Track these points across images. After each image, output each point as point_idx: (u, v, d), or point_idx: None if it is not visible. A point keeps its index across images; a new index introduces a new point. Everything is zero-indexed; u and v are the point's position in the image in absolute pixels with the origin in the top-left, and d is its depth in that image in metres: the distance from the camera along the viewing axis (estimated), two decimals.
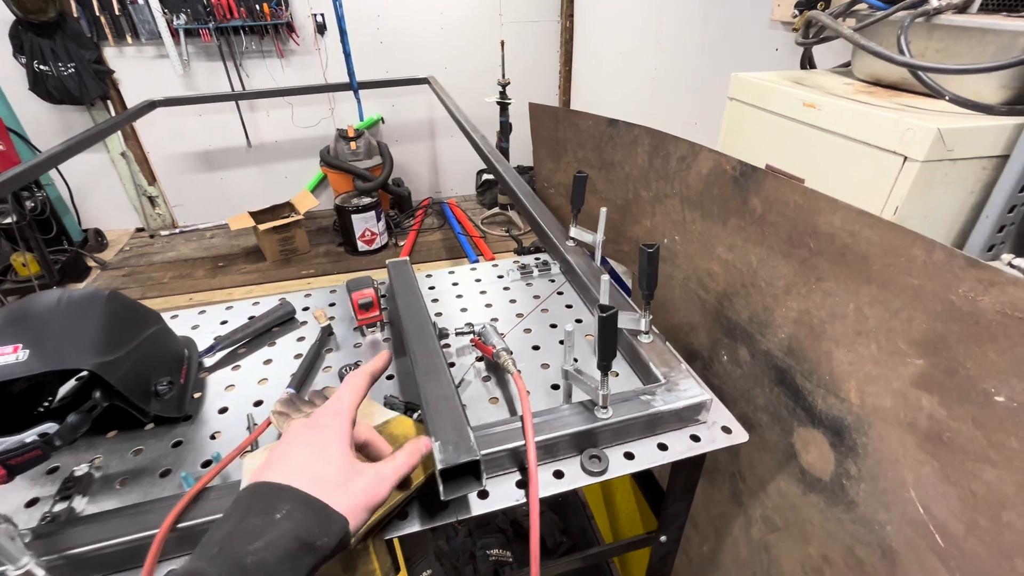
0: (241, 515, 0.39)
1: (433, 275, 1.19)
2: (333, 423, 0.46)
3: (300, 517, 0.39)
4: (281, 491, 0.40)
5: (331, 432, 0.46)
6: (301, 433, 0.46)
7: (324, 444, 0.44)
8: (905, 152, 0.77)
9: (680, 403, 0.73)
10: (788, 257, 0.81)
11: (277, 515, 0.38)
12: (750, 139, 1.06)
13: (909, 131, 0.75)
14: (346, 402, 0.49)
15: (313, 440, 0.45)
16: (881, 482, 0.69)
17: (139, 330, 0.76)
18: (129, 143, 3.63)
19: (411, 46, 3.79)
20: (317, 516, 0.40)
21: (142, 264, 3.49)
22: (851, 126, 0.84)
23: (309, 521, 0.39)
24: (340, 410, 0.48)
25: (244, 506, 0.40)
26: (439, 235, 3.81)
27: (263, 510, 0.39)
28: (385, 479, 0.45)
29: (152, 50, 3.39)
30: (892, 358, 0.66)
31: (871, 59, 0.89)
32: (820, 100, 0.86)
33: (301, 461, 0.43)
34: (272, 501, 0.39)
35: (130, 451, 0.74)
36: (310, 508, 0.40)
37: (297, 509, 0.39)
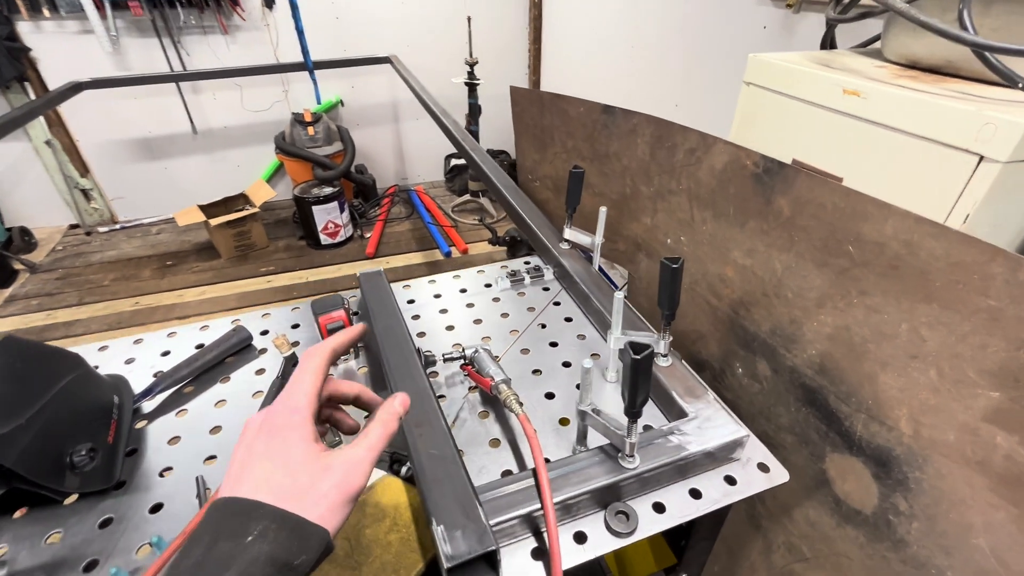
0: (211, 539, 0.35)
1: (412, 285, 1.05)
2: (290, 422, 0.42)
3: (274, 536, 0.36)
4: (251, 509, 0.37)
5: (289, 433, 0.41)
6: (259, 440, 0.41)
7: (284, 449, 0.40)
8: (982, 151, 0.68)
9: (715, 442, 0.63)
10: (823, 267, 0.71)
11: (249, 537, 0.35)
12: (771, 130, 0.96)
13: (989, 126, 0.66)
14: (301, 395, 0.43)
15: (272, 447, 0.40)
16: (940, 523, 0.61)
17: (44, 385, 0.60)
18: (54, 130, 3.26)
19: (370, 22, 3.53)
20: (292, 532, 0.36)
21: (78, 265, 3.17)
22: (908, 118, 0.74)
23: (284, 539, 0.36)
24: (296, 407, 0.42)
25: (213, 528, 0.36)
26: (408, 225, 3.63)
27: (233, 533, 0.36)
28: (360, 465, 0.41)
29: (75, 25, 3.02)
30: (958, 388, 0.57)
31: (908, 38, 0.80)
32: (864, 87, 0.76)
33: (263, 473, 0.39)
34: (243, 521, 0.36)
35: (45, 537, 0.59)
36: (284, 525, 0.36)
37: (269, 529, 0.36)
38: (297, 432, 0.41)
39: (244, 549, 0.34)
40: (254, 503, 0.37)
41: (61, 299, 2.88)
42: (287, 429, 0.41)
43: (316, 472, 0.39)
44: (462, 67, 3.30)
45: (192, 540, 0.36)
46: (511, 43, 3.86)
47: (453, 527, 0.48)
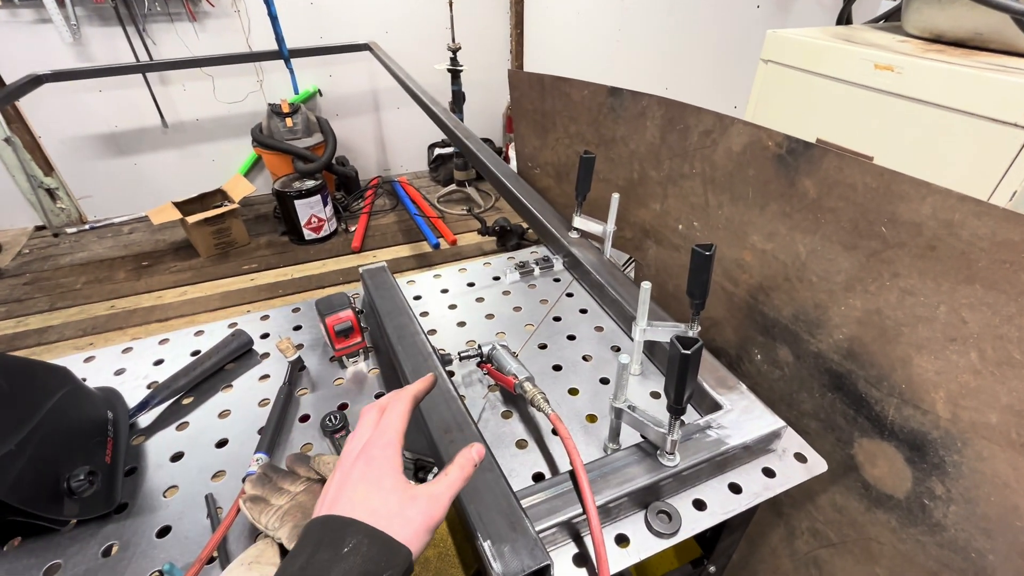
0: (312, 549, 0.40)
1: (416, 280, 1.01)
2: (384, 454, 0.47)
3: (366, 551, 0.40)
4: (347, 525, 0.42)
5: (384, 464, 0.46)
6: (355, 468, 0.46)
7: (379, 477, 0.45)
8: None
9: (753, 435, 0.61)
10: (852, 249, 0.70)
11: (345, 549, 0.40)
12: (791, 108, 0.94)
13: None
14: (393, 432, 0.48)
15: (369, 475, 0.45)
16: (982, 506, 0.60)
17: (34, 406, 0.55)
18: (14, 127, 3.07)
19: (346, 7, 3.40)
20: (381, 548, 0.41)
21: (47, 268, 3.02)
22: (947, 92, 0.72)
23: (375, 554, 0.40)
24: (390, 442, 0.48)
25: (315, 539, 0.41)
26: (393, 217, 3.54)
27: (332, 544, 0.41)
28: (440, 499, 0.46)
29: (30, 14, 2.84)
30: (1001, 369, 0.56)
31: (931, 10, 0.78)
32: (898, 61, 0.74)
33: (359, 495, 0.44)
34: (340, 535, 0.41)
35: (43, 569, 0.54)
36: (375, 541, 0.41)
37: (363, 543, 0.40)
38: (390, 464, 0.46)
39: (341, 559, 0.39)
40: (349, 520, 0.41)
41: (31, 305, 2.74)
42: (382, 460, 0.46)
43: (405, 500, 0.44)
44: (443, 53, 3.21)
45: (296, 550, 0.41)
46: (491, 28, 3.77)
47: (501, 541, 0.44)
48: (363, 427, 0.50)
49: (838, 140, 0.89)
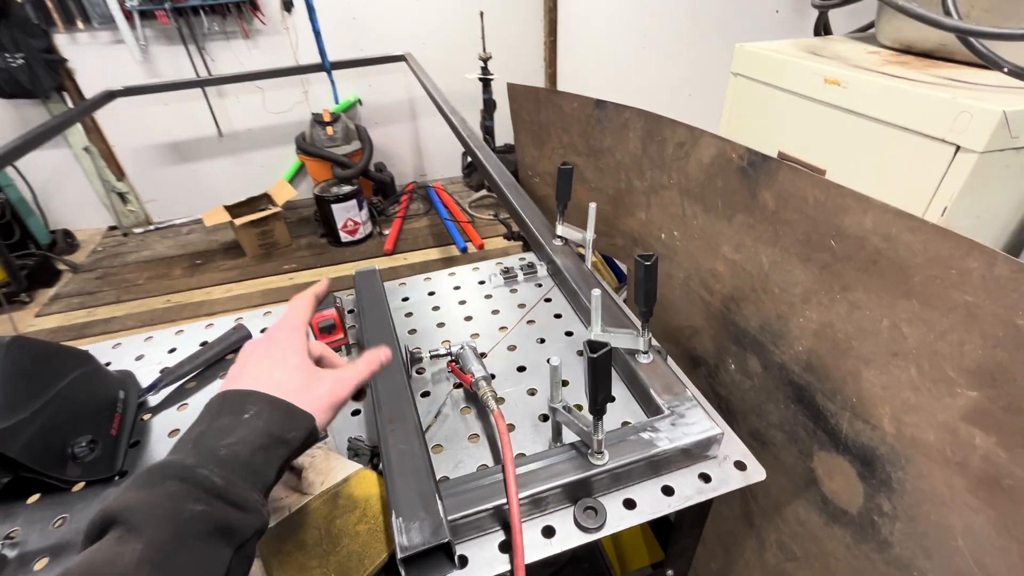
0: (211, 418, 0.41)
1: (407, 283, 1.07)
2: (289, 336, 0.48)
3: (267, 414, 0.41)
4: (248, 395, 0.42)
5: (288, 344, 0.47)
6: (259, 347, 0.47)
7: (282, 355, 0.46)
8: (958, 141, 0.65)
9: (687, 439, 0.63)
10: (806, 261, 0.70)
11: (246, 415, 0.40)
12: (758, 122, 0.94)
13: (964, 115, 0.63)
14: (297, 319, 0.50)
15: (272, 352, 0.46)
16: (922, 524, 0.60)
17: (53, 381, 0.65)
18: (92, 137, 3.43)
19: (386, 21, 3.57)
20: (284, 413, 0.42)
21: (116, 265, 3.34)
22: (886, 108, 0.71)
23: (277, 418, 0.41)
24: (294, 325, 0.49)
25: (214, 410, 0.42)
26: (426, 221, 3.67)
27: (232, 411, 0.41)
28: (346, 382, 0.47)
29: (107, 35, 3.16)
30: (937, 386, 0.56)
31: (900, 22, 0.77)
32: (845, 75, 0.73)
33: (262, 370, 0.45)
34: (240, 404, 0.41)
35: (53, 521, 0.64)
36: (276, 407, 0.41)
37: (264, 409, 0.41)
38: (296, 344, 0.47)
39: (242, 423, 0.40)
40: (249, 391, 0.42)
41: (100, 297, 3.04)
42: (287, 341, 0.47)
43: (310, 377, 0.45)
44: (477, 62, 3.30)
45: (196, 421, 0.42)
46: (526, 36, 3.84)
47: (411, 519, 0.49)
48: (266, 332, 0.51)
49: (798, 154, 0.88)
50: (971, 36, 0.64)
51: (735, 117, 1.02)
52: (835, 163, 0.85)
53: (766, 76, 0.86)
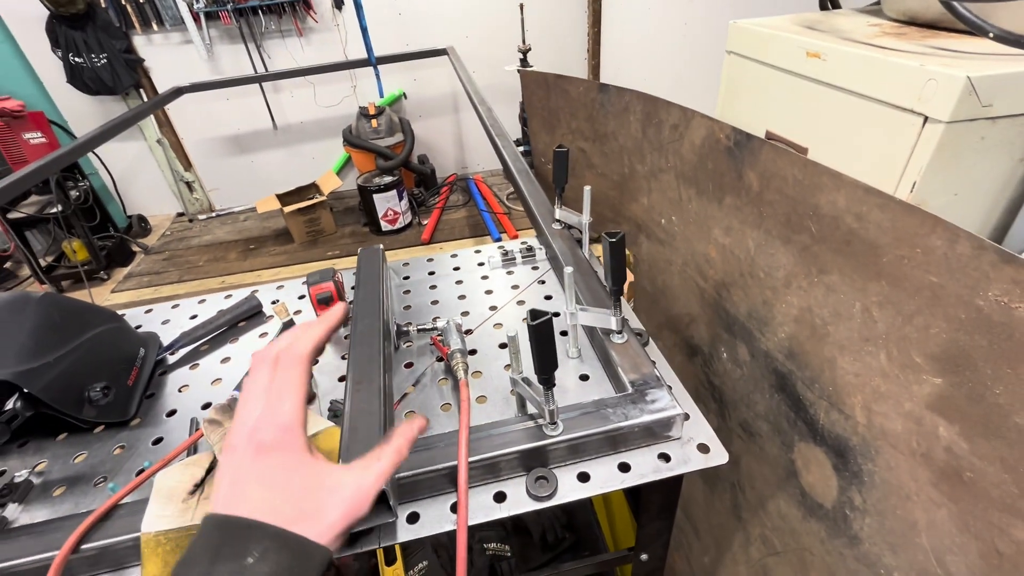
0: (209, 561, 0.34)
1: (411, 263, 1.12)
2: (283, 441, 0.38)
3: (275, 557, 0.34)
4: (251, 529, 0.35)
5: (285, 456, 0.38)
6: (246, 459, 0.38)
7: (283, 475, 0.38)
8: (926, 110, 0.60)
9: (645, 418, 0.63)
10: (787, 243, 0.68)
11: (250, 559, 0.33)
12: (750, 100, 0.90)
13: (932, 82, 0.58)
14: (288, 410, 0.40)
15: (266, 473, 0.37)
16: (889, 520, 0.57)
17: (78, 333, 0.74)
18: (164, 130, 3.74)
19: (431, 16, 3.65)
20: (294, 553, 0.35)
21: (181, 248, 3.63)
22: (862, 79, 0.67)
23: (286, 560, 0.34)
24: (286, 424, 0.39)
25: (212, 550, 0.34)
26: (464, 212, 3.74)
27: (233, 554, 0.34)
28: (369, 493, 0.39)
29: (177, 36, 3.43)
30: (905, 373, 0.53)
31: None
32: (826, 48, 0.69)
33: (261, 499, 0.37)
34: (243, 543, 0.34)
35: (73, 456, 0.73)
36: (284, 545, 0.35)
37: (270, 549, 0.34)
38: (293, 454, 0.38)
39: (245, 571, 0.33)
40: (252, 522, 0.35)
41: (165, 277, 3.32)
42: (280, 450, 0.38)
43: (323, 498, 0.38)
44: (518, 55, 3.32)
45: (188, 560, 0.34)
46: (570, 28, 3.81)
47: None
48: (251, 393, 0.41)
49: (783, 131, 0.83)
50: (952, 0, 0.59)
51: (730, 96, 0.98)
52: (817, 140, 0.80)
53: (754, 52, 0.82)
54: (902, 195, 0.60)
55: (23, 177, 1.83)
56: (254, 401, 0.40)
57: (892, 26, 0.79)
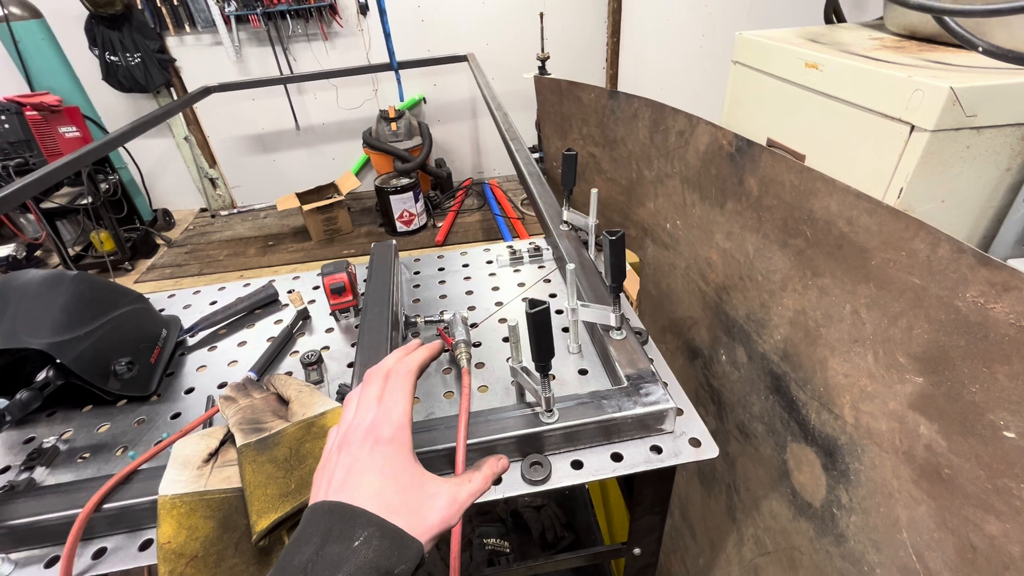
0: (321, 540, 0.38)
1: (422, 259, 1.15)
2: (397, 437, 0.44)
3: (377, 544, 0.38)
4: (358, 515, 0.39)
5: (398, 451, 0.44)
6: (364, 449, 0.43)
7: (394, 468, 0.43)
8: (912, 119, 0.62)
9: (638, 410, 0.65)
10: (784, 247, 0.70)
11: (356, 542, 0.38)
12: (753, 109, 0.92)
13: (918, 92, 0.60)
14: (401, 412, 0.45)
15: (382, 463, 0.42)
16: (873, 517, 0.58)
17: (107, 310, 0.78)
18: (191, 128, 3.86)
19: (453, 23, 3.73)
20: (394, 542, 0.39)
21: (202, 242, 3.74)
22: (855, 89, 0.69)
23: (387, 548, 0.38)
24: (400, 425, 0.44)
25: (323, 528, 0.39)
26: (478, 216, 3.79)
27: (341, 536, 0.38)
28: (462, 505, 0.44)
29: (208, 38, 3.56)
30: (889, 373, 0.54)
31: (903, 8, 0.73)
32: (824, 59, 0.71)
33: (372, 485, 0.41)
34: (350, 527, 0.39)
35: (97, 426, 0.77)
36: (386, 534, 0.39)
37: (374, 535, 0.39)
38: (404, 450, 0.43)
39: (352, 553, 0.37)
40: (359, 510, 0.39)
41: (187, 269, 3.41)
42: (394, 444, 0.43)
43: (424, 499, 0.42)
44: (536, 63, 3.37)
45: (301, 539, 0.39)
46: (590, 37, 3.86)
47: None
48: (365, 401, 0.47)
49: (783, 139, 0.85)
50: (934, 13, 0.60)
51: (735, 105, 1.00)
52: (815, 148, 0.82)
53: (758, 63, 0.85)
54: (890, 201, 0.62)
55: (59, 167, 1.92)
56: (368, 407, 0.46)
57: (893, 40, 0.81)
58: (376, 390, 0.47)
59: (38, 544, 0.61)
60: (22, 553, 0.61)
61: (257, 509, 0.56)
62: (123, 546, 0.61)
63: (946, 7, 0.61)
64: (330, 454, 0.45)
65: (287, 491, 0.58)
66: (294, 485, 0.58)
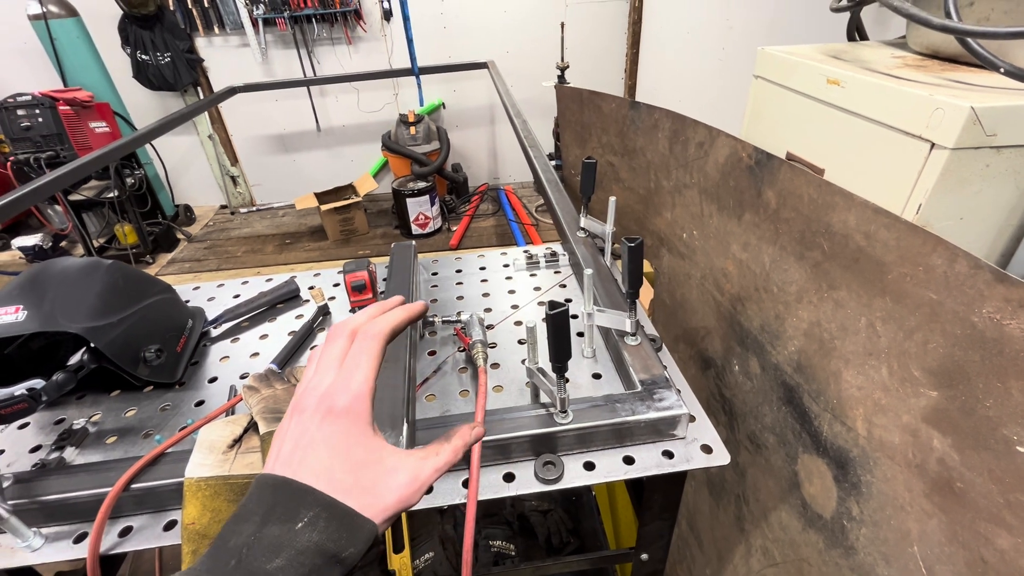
0: (260, 520, 0.35)
1: (439, 261, 1.17)
2: (352, 408, 0.39)
3: (324, 525, 0.35)
4: (304, 494, 0.36)
5: (352, 423, 0.39)
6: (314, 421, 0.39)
7: (346, 442, 0.38)
8: (932, 137, 0.62)
9: (651, 414, 0.66)
10: (801, 259, 0.70)
11: (299, 524, 0.34)
12: (773, 123, 0.93)
13: (939, 111, 0.61)
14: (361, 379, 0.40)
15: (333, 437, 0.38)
16: (883, 530, 0.58)
17: (138, 299, 0.81)
18: (216, 126, 3.95)
19: (474, 31, 3.78)
20: (342, 523, 0.36)
21: (221, 239, 3.81)
22: (876, 106, 0.69)
23: (334, 529, 0.35)
24: (359, 394, 0.39)
25: (265, 508, 0.35)
26: (492, 221, 3.82)
27: (284, 516, 0.35)
28: (425, 482, 0.40)
29: (236, 39, 3.64)
30: (904, 386, 0.55)
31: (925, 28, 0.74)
32: (846, 76, 0.72)
33: (321, 461, 0.37)
34: (294, 506, 0.35)
35: (125, 411, 0.80)
36: (334, 515, 0.36)
37: (320, 516, 0.35)
38: (360, 422, 0.39)
39: (294, 536, 0.34)
40: (307, 488, 0.36)
41: (205, 264, 3.48)
42: (349, 416, 0.39)
43: (380, 475, 0.38)
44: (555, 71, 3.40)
45: (241, 516, 0.35)
46: (609, 48, 3.89)
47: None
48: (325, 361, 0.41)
49: (803, 153, 0.85)
50: (959, 35, 0.61)
51: (755, 119, 1.01)
52: (834, 162, 0.83)
53: (780, 78, 0.86)
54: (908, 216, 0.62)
55: (91, 161, 1.98)
56: (327, 369, 0.41)
57: (915, 59, 0.81)
58: (338, 350, 0.42)
59: (67, 520, 0.63)
60: (52, 528, 0.63)
61: None
62: (148, 525, 0.63)
63: (970, 28, 0.61)
64: (286, 419, 0.41)
65: None
66: None
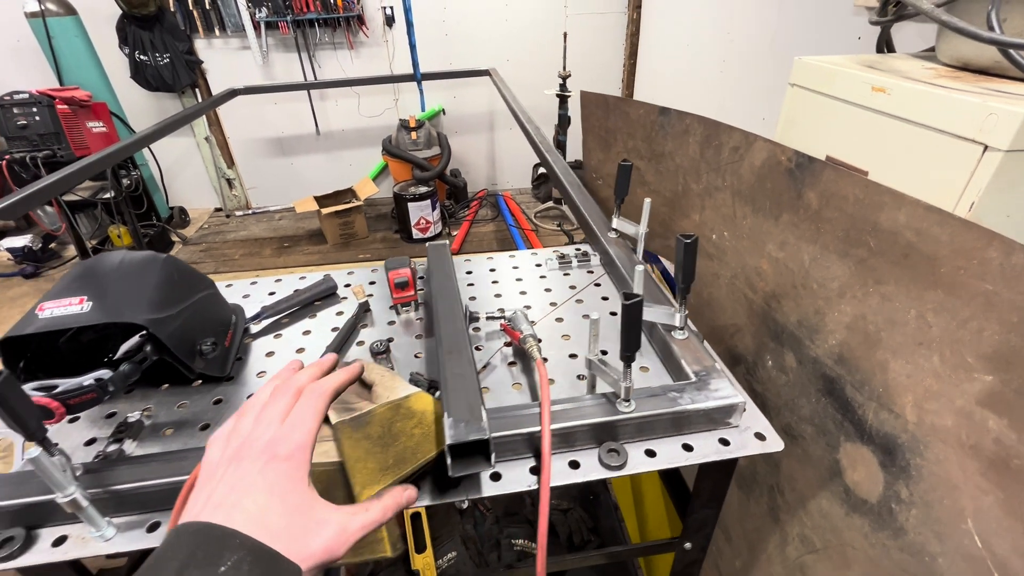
0: (179, 567, 0.34)
1: (471, 260, 1.19)
2: (295, 458, 0.41)
3: (248, 569, 0.34)
4: (227, 538, 0.36)
5: (293, 472, 0.41)
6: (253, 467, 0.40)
7: (283, 489, 0.40)
8: (986, 140, 0.67)
9: (710, 403, 0.69)
10: (844, 257, 0.74)
11: (221, 567, 0.34)
12: (811, 129, 0.98)
13: (992, 116, 0.66)
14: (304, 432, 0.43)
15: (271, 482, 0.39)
16: (936, 509, 0.62)
17: (190, 293, 0.82)
18: (212, 128, 3.92)
19: (475, 38, 3.83)
20: (268, 566, 0.36)
21: (217, 241, 3.76)
22: (925, 112, 0.75)
23: (259, 573, 0.35)
24: (300, 444, 0.42)
25: (184, 554, 0.35)
26: (492, 227, 3.84)
27: (205, 561, 0.34)
28: (351, 536, 0.41)
29: (237, 42, 3.63)
30: (957, 372, 0.59)
31: (958, 40, 0.79)
32: (891, 84, 0.77)
33: (255, 504, 0.38)
34: (216, 550, 0.35)
35: (177, 404, 0.80)
36: (259, 558, 0.35)
37: (245, 560, 0.35)
38: (300, 471, 0.40)
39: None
40: (230, 531, 0.36)
41: (201, 268, 3.43)
42: (291, 463, 0.40)
43: (310, 525, 0.39)
44: (555, 80, 3.46)
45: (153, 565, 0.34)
46: (607, 58, 3.97)
47: (459, 420, 0.59)
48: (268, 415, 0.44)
49: (844, 157, 0.90)
50: (1008, 47, 0.66)
51: (790, 125, 1.06)
52: (877, 165, 0.87)
53: (819, 86, 0.91)
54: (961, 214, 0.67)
55: (91, 164, 1.95)
56: (270, 422, 0.44)
57: (946, 70, 0.87)
58: (282, 406, 0.45)
59: (137, 510, 0.64)
60: (122, 518, 0.63)
61: (360, 481, 0.59)
62: None
63: (1014, 41, 0.66)
64: (215, 468, 0.41)
65: (386, 465, 0.61)
66: (392, 460, 0.61)
